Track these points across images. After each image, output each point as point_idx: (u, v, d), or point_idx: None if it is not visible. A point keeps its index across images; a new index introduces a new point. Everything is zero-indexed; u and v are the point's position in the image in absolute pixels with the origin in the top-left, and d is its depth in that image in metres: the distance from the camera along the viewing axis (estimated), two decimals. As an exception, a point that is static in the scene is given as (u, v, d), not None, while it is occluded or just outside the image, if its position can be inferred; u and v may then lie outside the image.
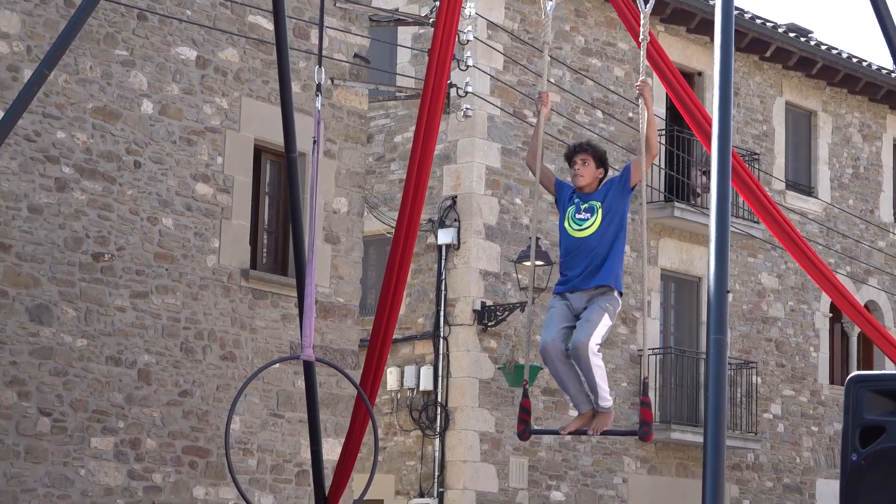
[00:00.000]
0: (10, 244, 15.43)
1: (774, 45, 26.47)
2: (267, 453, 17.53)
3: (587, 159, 10.31)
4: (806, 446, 26.96)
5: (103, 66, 16.33)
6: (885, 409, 8.18)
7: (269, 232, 18.26)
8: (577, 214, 10.29)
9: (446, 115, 20.26)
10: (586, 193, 10.29)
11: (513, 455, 22.49)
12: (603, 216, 10.17)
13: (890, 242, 28.90)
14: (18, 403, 15.40)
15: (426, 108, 11.36)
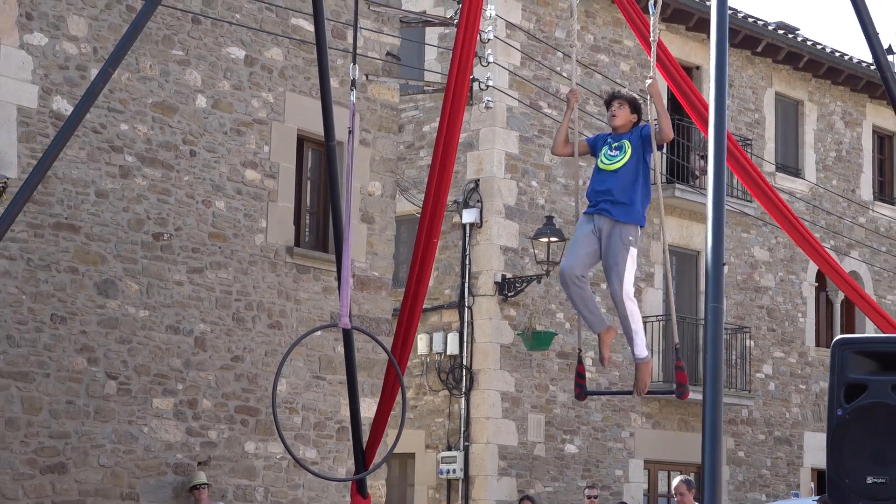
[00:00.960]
0: (80, 226, 15.46)
1: (765, 42, 26.39)
2: (310, 412, 17.56)
3: (623, 103, 10.48)
4: (795, 403, 26.93)
5: (161, 65, 16.33)
6: (867, 369, 8.14)
7: (310, 213, 18.26)
8: (609, 152, 10.35)
9: (469, 107, 20.18)
10: (619, 134, 10.41)
11: (531, 412, 22.50)
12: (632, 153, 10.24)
13: (869, 219, 28.81)
14: (88, 368, 15.44)
15: (451, 101, 11.33)
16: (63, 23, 15.45)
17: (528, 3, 22.97)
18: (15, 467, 14.81)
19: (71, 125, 9.96)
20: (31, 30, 15.19)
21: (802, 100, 27.87)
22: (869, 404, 8.04)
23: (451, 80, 11.43)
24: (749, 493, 25.81)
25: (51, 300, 15.19)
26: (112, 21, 15.81)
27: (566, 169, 23.20)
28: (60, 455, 15.18)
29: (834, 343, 8.32)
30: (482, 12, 11.97)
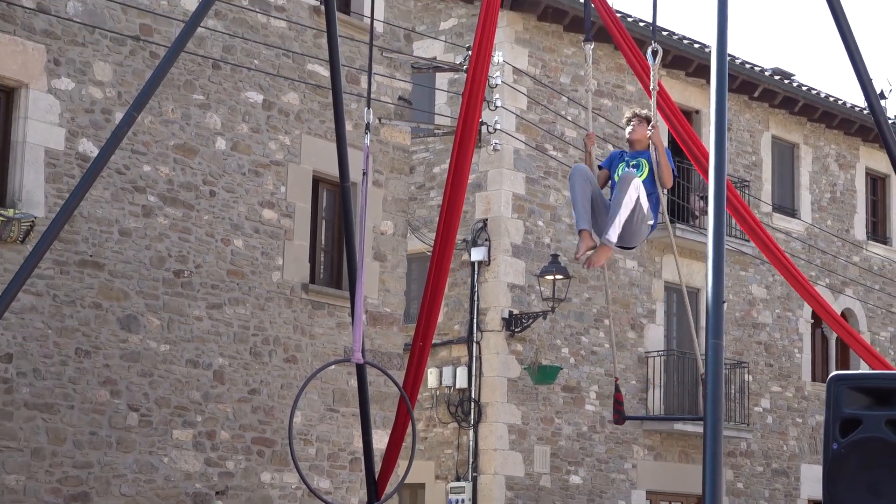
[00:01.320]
0: (104, 263, 15.49)
1: (762, 87, 26.43)
2: (324, 443, 17.54)
3: (641, 121, 10.81)
4: (792, 436, 26.84)
5: (183, 109, 16.38)
6: (861, 404, 8.14)
7: (325, 251, 18.28)
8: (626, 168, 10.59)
9: (478, 149, 20.21)
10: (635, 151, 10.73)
11: (537, 444, 22.45)
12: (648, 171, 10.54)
13: (863, 258, 28.78)
14: (110, 401, 15.44)
15: (460, 143, 11.36)
16: (89, 68, 15.52)
17: (535, 50, 23.04)
18: (40, 496, 14.79)
19: (96, 166, 9.99)
20: (59, 75, 15.26)
21: (798, 143, 27.89)
22: (863, 438, 8.03)
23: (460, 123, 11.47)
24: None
25: (75, 335, 15.20)
26: (136, 67, 15.88)
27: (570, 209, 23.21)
28: (84, 484, 15.16)
29: (829, 379, 8.32)
30: (490, 59, 12.01)
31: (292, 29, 17.56)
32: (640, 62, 11.59)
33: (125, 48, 15.83)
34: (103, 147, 10.05)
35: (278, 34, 17.43)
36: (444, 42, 22.82)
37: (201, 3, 10.52)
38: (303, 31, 17.65)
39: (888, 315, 29.03)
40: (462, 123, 11.40)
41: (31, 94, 15.02)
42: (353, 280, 11.64)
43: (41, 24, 15.12)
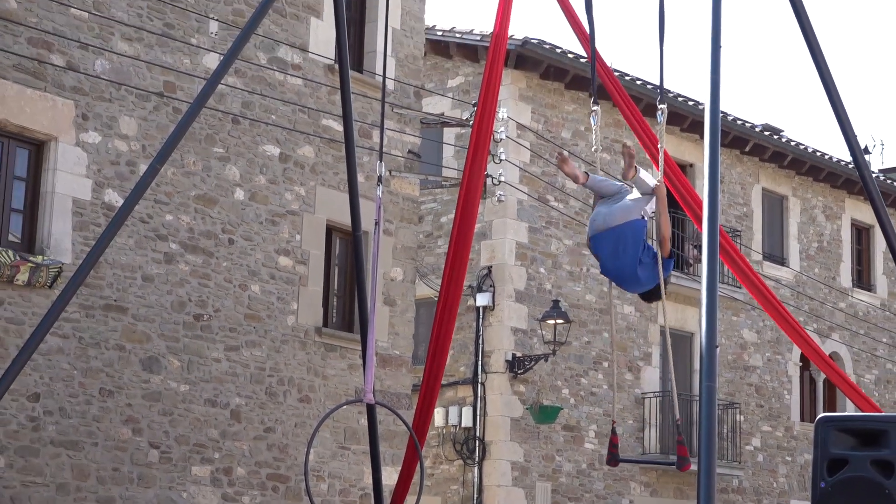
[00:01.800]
0: (127, 307, 15.50)
1: (752, 142, 26.50)
2: (336, 479, 17.48)
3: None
4: (781, 473, 26.74)
5: (204, 161, 16.43)
6: (847, 445, 8.12)
7: (337, 296, 18.28)
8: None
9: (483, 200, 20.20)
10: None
11: (538, 481, 22.37)
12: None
13: (849, 304, 28.75)
14: (132, 438, 15.41)
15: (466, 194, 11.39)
16: (115, 123, 15.58)
17: (537, 107, 23.11)
18: (64, 529, 14.74)
19: (121, 215, 10.01)
20: (87, 129, 15.31)
21: (787, 195, 27.92)
22: (849, 478, 8.01)
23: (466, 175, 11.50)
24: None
25: (100, 375, 15.19)
26: (160, 121, 15.94)
27: (571, 257, 23.24)
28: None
29: (817, 421, 8.30)
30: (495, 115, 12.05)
31: (308, 86, 17.63)
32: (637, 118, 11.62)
33: (149, 104, 15.90)
34: (128, 197, 10.07)
35: (294, 91, 17.50)
36: (452, 99, 22.89)
37: (222, 62, 10.57)
38: (318, 88, 17.72)
39: (873, 358, 28.99)
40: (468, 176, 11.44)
41: (61, 147, 15.08)
42: (364, 324, 11.63)
43: (70, 81, 15.18)
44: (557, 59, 22.75)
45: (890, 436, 8.08)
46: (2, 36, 14.60)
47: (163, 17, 16.13)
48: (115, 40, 15.64)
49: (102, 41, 15.49)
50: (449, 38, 23.42)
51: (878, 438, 8.11)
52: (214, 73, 10.58)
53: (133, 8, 15.85)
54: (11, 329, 14.38)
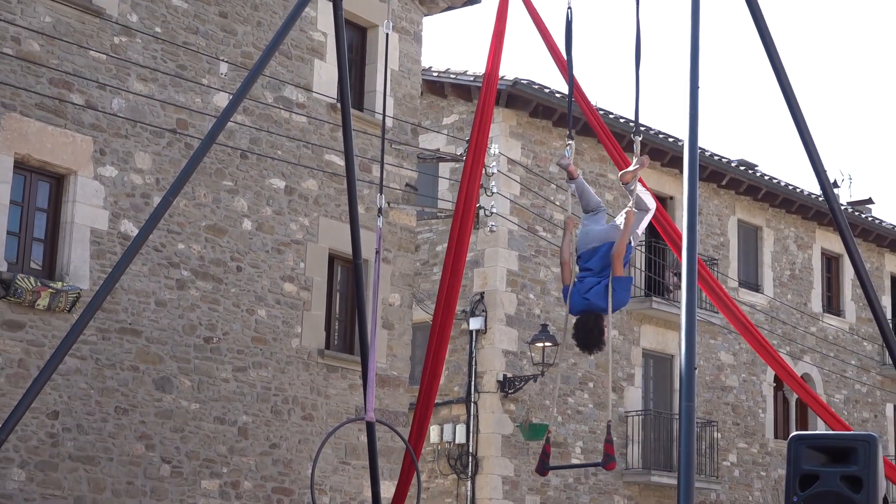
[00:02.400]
0: (141, 330, 15.48)
1: (728, 176, 26.54)
2: (337, 492, 17.43)
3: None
4: (756, 487, 26.68)
5: (214, 193, 16.44)
6: (818, 461, 8.10)
7: (339, 320, 18.26)
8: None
9: (475, 230, 20.26)
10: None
11: (528, 494, 22.31)
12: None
13: (819, 328, 28.73)
14: (146, 454, 15.37)
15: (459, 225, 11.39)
16: (131, 157, 15.59)
17: (527, 143, 23.15)
18: (81, 539, 14.69)
19: (136, 244, 10.01)
20: (104, 163, 15.32)
21: (761, 226, 27.95)
22: (820, 492, 7.99)
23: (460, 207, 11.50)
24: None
25: (115, 394, 15.16)
26: (172, 156, 15.95)
27: (558, 284, 23.22)
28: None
29: (790, 438, 8.29)
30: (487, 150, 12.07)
31: (311, 123, 17.65)
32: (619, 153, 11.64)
33: (163, 140, 15.91)
34: (142, 227, 10.07)
35: (299, 128, 17.53)
36: (447, 135, 22.92)
37: (231, 101, 10.59)
38: (321, 126, 17.75)
39: (842, 380, 28.96)
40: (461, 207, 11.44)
41: (79, 180, 15.08)
42: (364, 346, 11.63)
43: (89, 119, 15.20)
44: (546, 98, 22.80)
45: (858, 453, 8.07)
46: (25, 76, 14.63)
47: (176, 58, 16.17)
48: (131, 80, 15.67)
49: (119, 81, 15.52)
50: (444, 78, 23.47)
51: (848, 455, 8.10)
52: (224, 112, 10.60)
53: (148, 50, 15.88)
54: (32, 351, 14.36)
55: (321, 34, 17.97)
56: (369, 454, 11.87)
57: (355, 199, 11.90)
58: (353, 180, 11.84)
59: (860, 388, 29.46)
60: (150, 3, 15.99)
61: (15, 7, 14.64)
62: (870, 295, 10.95)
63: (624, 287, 9.91)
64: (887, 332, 11.00)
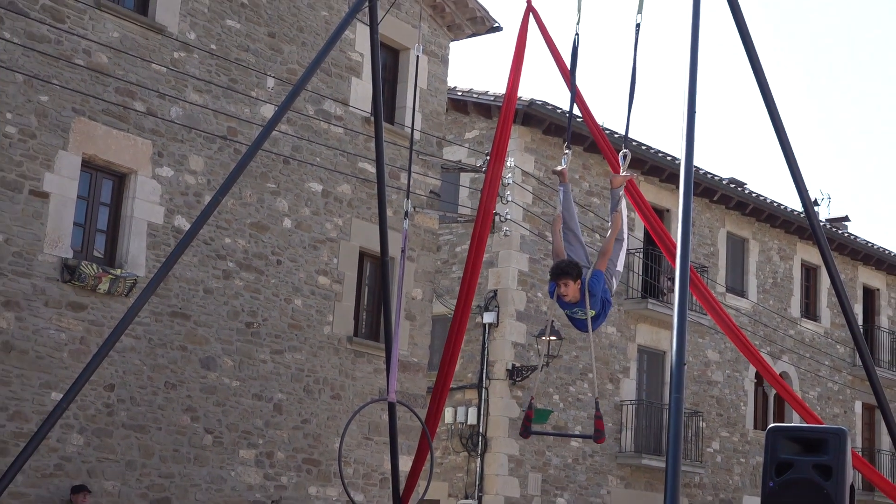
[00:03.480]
0: (190, 314, 15.53)
1: (719, 192, 26.46)
2: (360, 465, 17.46)
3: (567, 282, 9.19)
4: (736, 472, 26.59)
5: (258, 194, 16.47)
6: (793, 451, 8.07)
7: (367, 311, 18.28)
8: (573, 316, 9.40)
9: (492, 234, 20.26)
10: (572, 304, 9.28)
11: (531, 472, 22.28)
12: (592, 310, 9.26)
13: (797, 331, 28.63)
14: (190, 424, 15.41)
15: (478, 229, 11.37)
16: (186, 160, 15.63)
17: (539, 157, 23.12)
18: (131, 499, 14.74)
19: (188, 238, 10.03)
20: (162, 165, 15.37)
21: (748, 238, 27.87)
22: (794, 479, 7.96)
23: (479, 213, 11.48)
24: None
25: (165, 371, 15.20)
26: (223, 160, 15.99)
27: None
28: (166, 491, 15.10)
29: (768, 430, 8.26)
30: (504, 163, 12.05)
31: (347, 134, 17.68)
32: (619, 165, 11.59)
33: (215, 145, 15.96)
34: (194, 223, 10.09)
35: (336, 138, 17.55)
36: (468, 148, 22.91)
37: (276, 112, 10.60)
38: (356, 136, 17.77)
39: (816, 378, 28.86)
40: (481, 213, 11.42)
41: (139, 179, 15.14)
42: (389, 335, 11.63)
43: (149, 124, 15.25)
44: (558, 118, 22.77)
45: (829, 444, 8.04)
46: (94, 85, 14.69)
47: (228, 73, 16.21)
48: (188, 91, 15.71)
49: (177, 92, 15.56)
50: (467, 97, 23.46)
51: (820, 446, 8.07)
52: (270, 121, 10.62)
53: (203, 65, 15.93)
54: (93, 329, 14.42)
55: (358, 55, 17.99)
56: (390, 431, 11.87)
57: (384, 203, 11.90)
58: (383, 186, 11.84)
59: (832, 387, 29.35)
60: (207, 22, 16.03)
61: (87, 23, 14.70)
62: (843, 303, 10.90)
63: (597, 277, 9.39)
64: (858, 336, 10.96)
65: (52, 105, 14.31)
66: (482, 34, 20.08)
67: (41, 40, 14.25)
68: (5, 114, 13.93)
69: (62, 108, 14.40)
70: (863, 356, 11.02)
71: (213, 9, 16.12)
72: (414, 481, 11.64)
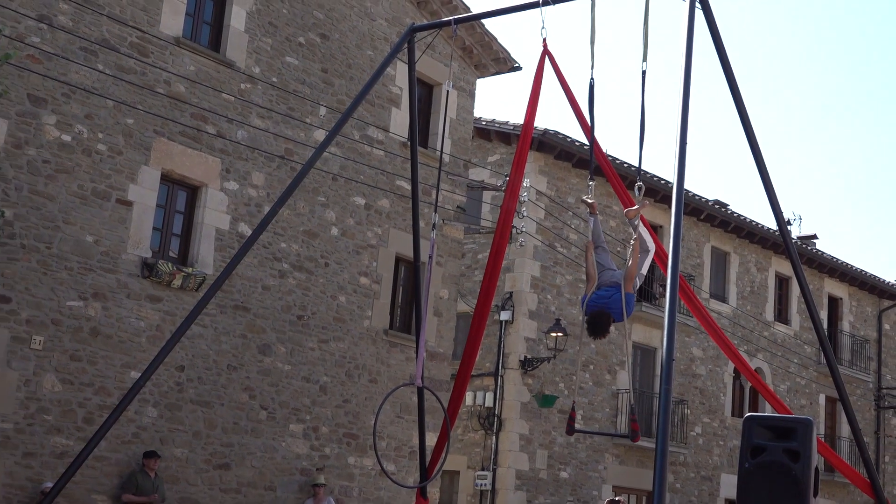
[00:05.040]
0: (250, 307, 15.56)
1: (705, 212, 26.35)
2: (392, 439, 17.44)
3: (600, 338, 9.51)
4: (715, 454, 26.43)
5: (310, 206, 16.50)
6: (766, 437, 8.02)
7: (400, 307, 18.27)
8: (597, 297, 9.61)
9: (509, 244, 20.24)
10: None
11: (538, 448, 22.22)
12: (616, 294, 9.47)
13: (770, 333, 28.45)
14: (248, 401, 15.44)
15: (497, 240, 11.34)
16: (249, 176, 15.68)
17: (551, 179, 23.07)
18: (197, 464, 14.78)
19: (249, 242, 10.06)
20: (229, 179, 15.42)
21: (729, 252, 27.72)
22: (767, 461, 7.91)
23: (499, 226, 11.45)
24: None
25: (227, 355, 15.24)
26: (280, 176, 16.03)
27: (570, 288, 23.11)
28: (226, 458, 15.13)
29: (745, 418, 8.20)
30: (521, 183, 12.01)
31: (387, 156, 17.69)
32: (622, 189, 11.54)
33: (274, 163, 16.00)
34: (255, 229, 10.12)
35: (377, 159, 17.57)
36: (490, 170, 22.90)
37: (327, 136, 10.62)
38: (394, 158, 17.78)
39: (787, 374, 28.66)
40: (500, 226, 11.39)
41: (209, 191, 15.19)
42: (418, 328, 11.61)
43: (218, 145, 15.31)
44: (567, 145, 22.74)
45: (797, 432, 7.99)
46: (172, 110, 14.75)
47: (286, 102, 16.25)
48: (252, 117, 15.77)
49: (243, 117, 15.62)
50: (490, 126, 23.46)
51: (789, 433, 8.01)
52: (321, 144, 10.64)
53: (266, 95, 15.98)
54: (167, 319, 14.47)
55: (398, 88, 18.01)
56: (418, 411, 11.86)
57: (417, 216, 11.90)
58: (417, 201, 11.84)
59: (800, 381, 29.15)
60: (270, 59, 16.08)
61: (168, 57, 14.77)
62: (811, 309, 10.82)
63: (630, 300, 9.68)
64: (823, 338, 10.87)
65: (136, 127, 14.38)
66: (504, 72, 20.07)
67: (129, 72, 14.33)
68: (97, 133, 14.01)
69: (145, 130, 14.47)
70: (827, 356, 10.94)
71: (275, 47, 16.16)
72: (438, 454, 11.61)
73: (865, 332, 31.64)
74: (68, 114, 13.72)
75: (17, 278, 13.13)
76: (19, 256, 13.17)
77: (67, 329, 13.53)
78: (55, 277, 13.46)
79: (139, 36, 14.45)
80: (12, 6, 13.22)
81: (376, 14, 17.72)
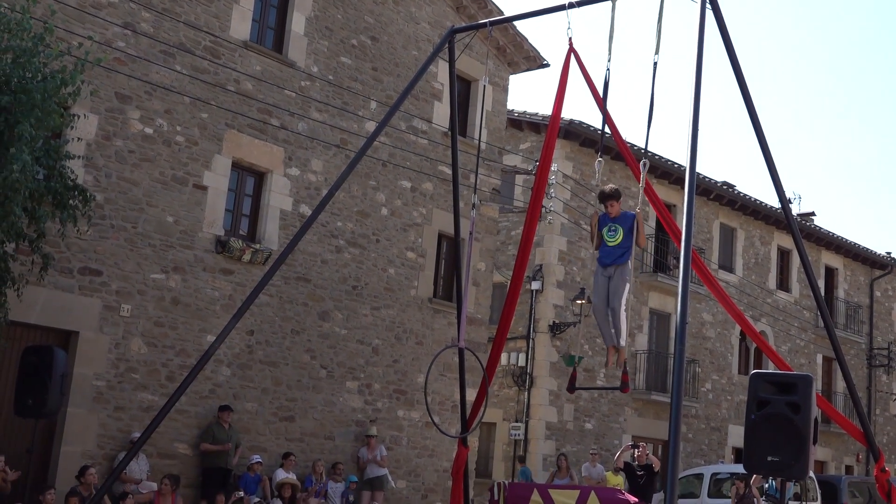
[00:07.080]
0: (311, 279, 15.62)
1: (714, 192, 26.09)
2: (437, 395, 17.48)
3: (613, 203, 9.69)
4: (724, 407, 26.27)
5: (362, 189, 16.51)
6: (770, 391, 7.96)
7: (444, 279, 18.27)
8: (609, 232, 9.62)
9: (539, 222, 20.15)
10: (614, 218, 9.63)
11: (566, 403, 22.20)
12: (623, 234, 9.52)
13: (773, 300, 28.18)
14: (310, 362, 15.53)
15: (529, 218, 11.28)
16: (309, 162, 15.71)
17: (577, 164, 22.92)
18: (265, 417, 14.90)
19: (309, 221, 10.07)
20: (291, 166, 15.46)
21: (736, 227, 27.43)
22: (771, 413, 7.85)
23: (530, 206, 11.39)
24: (693, 459, 25.17)
25: (291, 321, 15.33)
26: (337, 163, 16.05)
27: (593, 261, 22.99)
28: (291, 411, 15.24)
29: (751, 374, 8.14)
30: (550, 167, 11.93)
31: (430, 144, 17.65)
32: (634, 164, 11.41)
33: (330, 152, 16.01)
34: (314, 210, 10.13)
35: (422, 147, 17.53)
36: (522, 156, 22.79)
37: (377, 127, 10.59)
38: (436, 146, 17.74)
39: (788, 336, 28.39)
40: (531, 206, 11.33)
41: (274, 176, 15.24)
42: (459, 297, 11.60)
43: (282, 135, 15.35)
44: (591, 133, 22.58)
45: (798, 387, 7.91)
46: (241, 105, 14.80)
47: (341, 97, 16.24)
48: (312, 111, 15.78)
49: (303, 111, 15.63)
50: (522, 117, 23.33)
51: (790, 388, 7.94)
52: (372, 134, 10.61)
53: (323, 91, 15.98)
54: (238, 289, 14.58)
55: (440, 84, 17.94)
56: (459, 370, 11.86)
57: (458, 197, 11.86)
58: (457, 184, 11.79)
59: (800, 342, 28.86)
60: (326, 59, 16.07)
61: (237, 59, 14.81)
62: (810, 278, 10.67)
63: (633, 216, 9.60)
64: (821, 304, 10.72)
65: (210, 120, 14.45)
66: (534, 69, 19.93)
67: (203, 72, 14.39)
68: (176, 126, 14.10)
69: (218, 123, 14.53)
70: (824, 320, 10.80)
71: (331, 49, 16.15)
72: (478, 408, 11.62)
73: (859, 299, 31.26)
74: (150, 109, 13.81)
75: (108, 254, 13.28)
76: (109, 235, 13.32)
77: (151, 298, 13.68)
78: (140, 253, 13.60)
79: (212, 40, 14.49)
80: (101, 15, 13.31)
81: (420, 18, 17.64)
